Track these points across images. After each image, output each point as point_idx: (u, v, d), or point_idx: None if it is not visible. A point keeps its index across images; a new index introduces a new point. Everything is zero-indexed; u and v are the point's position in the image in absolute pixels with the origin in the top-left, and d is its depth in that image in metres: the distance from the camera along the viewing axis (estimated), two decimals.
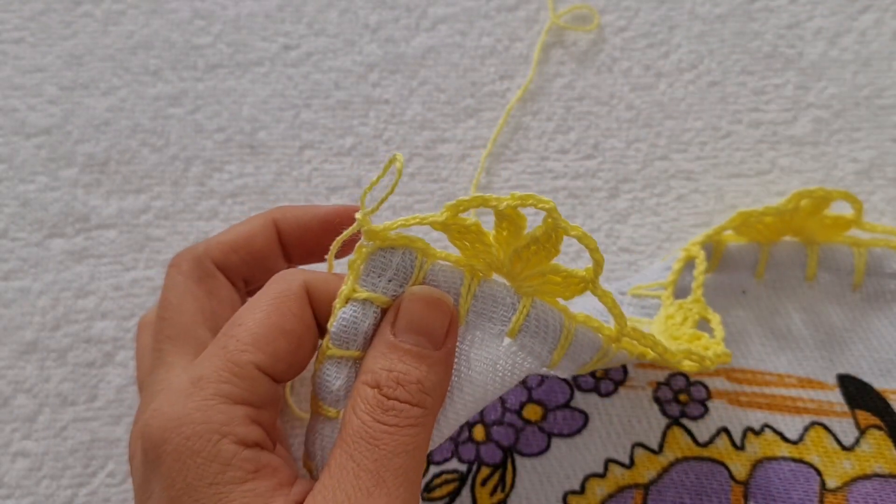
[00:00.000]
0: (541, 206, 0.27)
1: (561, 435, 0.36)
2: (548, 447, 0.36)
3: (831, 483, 0.35)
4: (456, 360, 0.28)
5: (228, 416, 0.25)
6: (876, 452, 0.35)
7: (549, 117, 0.46)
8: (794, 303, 0.39)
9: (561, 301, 0.30)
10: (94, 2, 0.48)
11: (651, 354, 0.32)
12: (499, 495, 0.35)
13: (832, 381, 0.37)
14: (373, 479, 0.24)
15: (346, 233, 0.29)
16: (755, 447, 0.36)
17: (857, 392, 0.37)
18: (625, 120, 0.46)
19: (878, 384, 0.37)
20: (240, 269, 0.34)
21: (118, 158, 0.45)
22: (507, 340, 0.29)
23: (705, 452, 0.36)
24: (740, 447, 0.36)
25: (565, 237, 0.28)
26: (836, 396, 0.37)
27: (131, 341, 0.41)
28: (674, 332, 0.35)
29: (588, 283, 0.29)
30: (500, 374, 0.29)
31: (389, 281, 0.28)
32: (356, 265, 0.28)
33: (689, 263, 0.38)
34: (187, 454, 0.24)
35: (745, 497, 0.35)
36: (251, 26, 0.48)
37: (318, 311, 0.29)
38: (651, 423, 0.36)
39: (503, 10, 0.48)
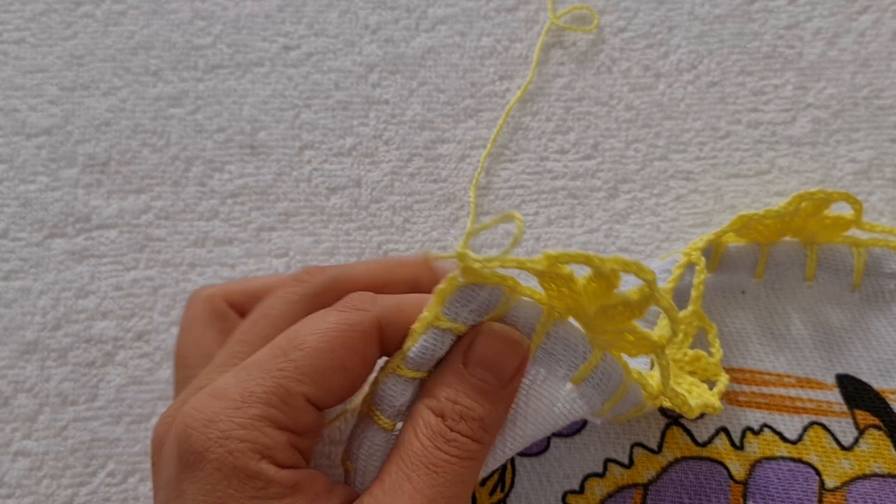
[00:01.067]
0: (642, 276, 0.27)
1: (560, 435, 0.36)
2: (547, 447, 0.36)
3: (830, 483, 0.35)
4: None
5: (273, 440, 0.25)
6: (875, 452, 0.35)
7: (549, 118, 0.46)
8: (794, 303, 0.39)
9: (624, 356, 0.31)
10: (94, 2, 0.49)
11: (668, 403, 0.32)
12: (498, 495, 0.35)
13: (831, 380, 0.37)
14: (427, 503, 0.25)
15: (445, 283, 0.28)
16: (754, 447, 0.36)
17: (855, 392, 0.37)
18: (624, 120, 0.46)
19: (877, 384, 0.37)
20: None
21: (119, 159, 0.45)
22: (569, 386, 0.29)
23: (704, 452, 0.36)
24: (739, 447, 0.36)
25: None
26: (835, 396, 0.37)
27: (132, 341, 0.41)
28: (673, 354, 0.36)
29: (657, 348, 0.29)
30: (556, 415, 0.29)
31: (471, 312, 0.28)
32: (444, 294, 0.28)
33: (689, 267, 0.38)
34: (229, 468, 0.25)
35: (744, 496, 0.35)
36: (251, 27, 0.48)
37: (386, 341, 0.29)
38: (650, 423, 0.36)
39: (503, 11, 0.48)
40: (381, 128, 0.46)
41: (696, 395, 0.34)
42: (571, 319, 0.30)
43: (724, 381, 0.35)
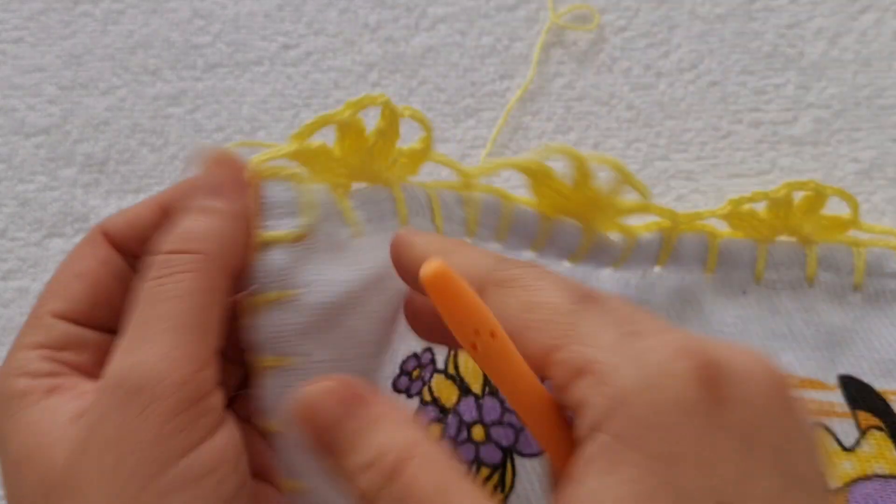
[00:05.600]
0: (378, 101, 0.29)
1: None
2: None
3: (832, 484, 0.35)
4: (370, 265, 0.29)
5: (25, 358, 0.27)
6: (877, 453, 0.35)
7: (549, 117, 0.46)
8: (795, 303, 0.39)
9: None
10: (93, 1, 0.48)
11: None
12: (498, 496, 0.35)
13: (833, 381, 0.37)
14: (137, 332, 0.25)
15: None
16: None
17: (857, 393, 0.37)
18: (625, 120, 0.46)
19: (878, 385, 0.37)
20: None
21: (117, 158, 0.45)
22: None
23: None
24: None
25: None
26: (836, 397, 0.37)
27: None
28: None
29: (426, 149, 0.31)
30: None
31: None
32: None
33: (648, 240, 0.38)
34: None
35: None
36: (250, 26, 0.48)
37: (120, 240, 0.29)
38: None
39: (503, 10, 0.48)
40: None
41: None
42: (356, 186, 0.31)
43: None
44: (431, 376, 0.36)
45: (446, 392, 0.36)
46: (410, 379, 0.36)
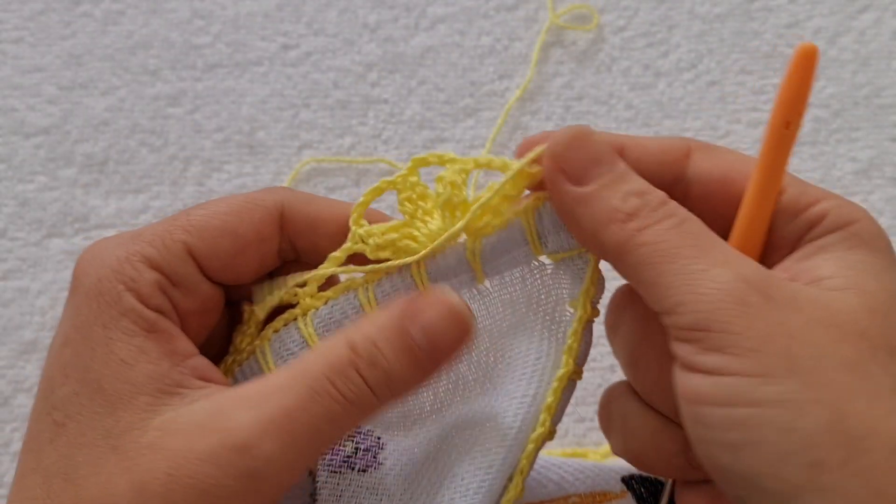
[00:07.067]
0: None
1: None
2: None
3: None
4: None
5: (140, 274, 0.26)
6: None
7: (549, 117, 0.46)
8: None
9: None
10: (93, 2, 0.48)
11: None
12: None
13: None
14: (285, 419, 0.24)
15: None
16: None
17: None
18: (624, 119, 0.46)
19: None
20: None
21: (117, 158, 0.45)
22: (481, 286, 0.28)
23: None
24: None
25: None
26: None
27: None
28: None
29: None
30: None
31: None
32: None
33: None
34: (95, 293, 0.25)
35: None
36: (250, 26, 0.48)
37: (291, 232, 0.28)
38: None
39: (502, 10, 0.48)
40: (380, 127, 0.46)
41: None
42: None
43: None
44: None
45: None
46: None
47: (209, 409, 0.24)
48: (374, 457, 0.29)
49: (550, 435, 0.27)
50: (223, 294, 0.28)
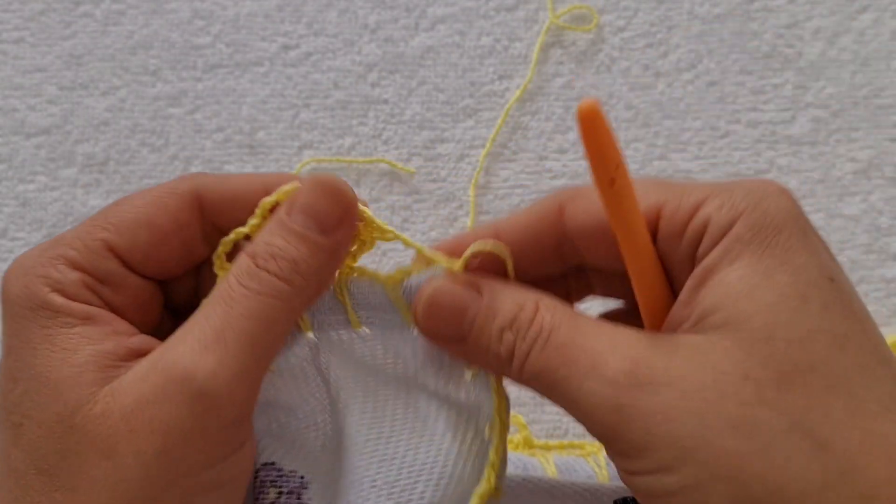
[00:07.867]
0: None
1: None
2: None
3: None
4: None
5: (64, 276, 0.26)
6: None
7: (548, 117, 0.46)
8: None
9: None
10: (93, 2, 0.49)
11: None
12: None
13: None
14: (214, 335, 0.25)
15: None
16: None
17: None
18: (623, 119, 0.46)
19: None
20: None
21: (117, 158, 0.45)
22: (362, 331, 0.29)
23: None
24: None
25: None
26: None
27: None
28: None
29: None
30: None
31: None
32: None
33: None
34: (23, 300, 0.26)
35: None
36: (250, 26, 0.48)
37: (212, 213, 0.29)
38: None
39: (502, 10, 0.48)
40: (380, 127, 0.46)
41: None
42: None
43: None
44: None
45: None
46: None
47: (151, 359, 0.25)
48: (299, 497, 0.29)
49: (496, 492, 0.27)
50: (158, 288, 0.29)
